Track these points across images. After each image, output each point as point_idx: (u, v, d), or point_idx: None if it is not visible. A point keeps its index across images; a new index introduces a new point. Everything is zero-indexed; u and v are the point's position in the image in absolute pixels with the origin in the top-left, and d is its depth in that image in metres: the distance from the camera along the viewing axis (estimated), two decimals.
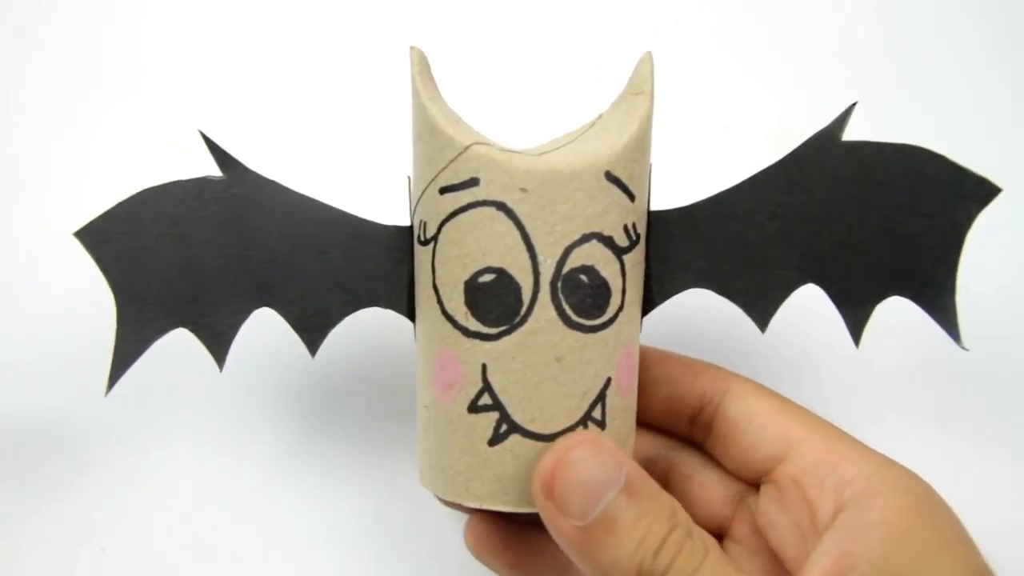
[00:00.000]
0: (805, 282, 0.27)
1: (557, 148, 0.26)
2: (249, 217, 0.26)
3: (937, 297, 0.27)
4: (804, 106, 0.39)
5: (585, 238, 0.24)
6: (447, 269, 0.25)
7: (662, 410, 0.30)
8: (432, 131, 0.25)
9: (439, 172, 0.25)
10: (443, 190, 0.25)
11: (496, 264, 0.24)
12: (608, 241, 0.25)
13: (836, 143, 0.26)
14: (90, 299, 0.36)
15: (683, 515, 0.23)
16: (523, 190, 0.24)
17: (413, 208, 0.27)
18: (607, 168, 0.24)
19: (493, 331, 0.24)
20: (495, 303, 0.24)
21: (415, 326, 0.27)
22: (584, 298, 0.24)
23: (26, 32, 0.39)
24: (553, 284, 0.24)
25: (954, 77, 0.41)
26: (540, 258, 0.24)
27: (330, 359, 0.36)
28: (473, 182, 0.24)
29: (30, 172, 0.38)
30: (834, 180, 0.26)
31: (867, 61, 0.41)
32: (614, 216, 0.25)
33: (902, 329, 0.29)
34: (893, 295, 0.27)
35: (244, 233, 0.26)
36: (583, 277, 0.24)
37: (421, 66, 0.26)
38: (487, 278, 0.24)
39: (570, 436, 0.24)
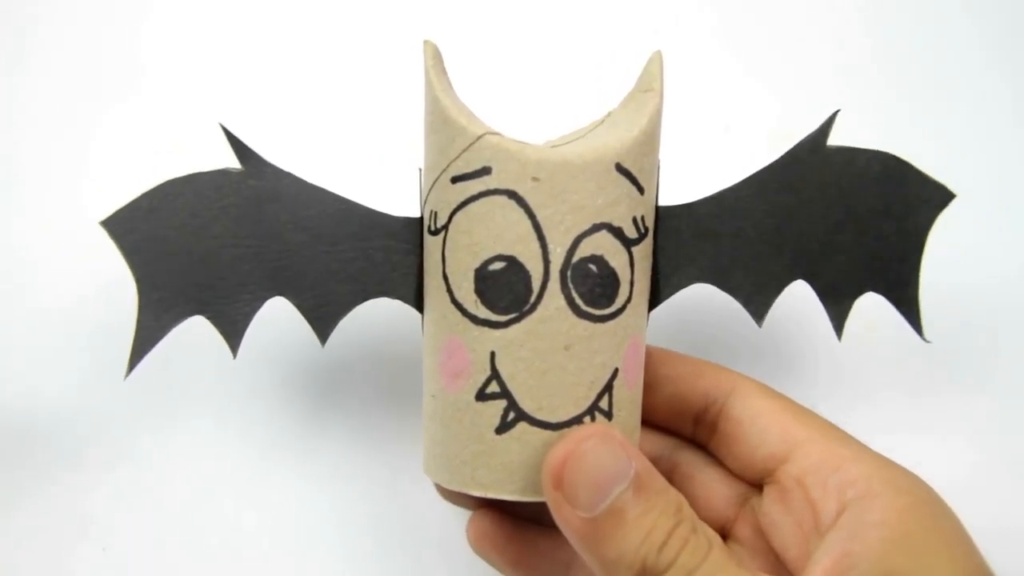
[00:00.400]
0: (796, 278, 0.28)
1: (567, 143, 0.26)
2: (266, 208, 0.27)
3: (903, 293, 0.29)
4: (804, 106, 0.39)
5: (595, 228, 0.24)
6: (457, 257, 0.25)
7: (666, 410, 0.30)
8: (445, 121, 0.25)
9: (451, 161, 0.25)
10: (455, 179, 0.25)
11: (507, 252, 0.24)
12: (618, 232, 0.25)
13: (820, 148, 0.28)
14: (92, 298, 0.36)
15: (688, 511, 0.23)
16: (535, 179, 0.24)
17: (424, 199, 0.27)
18: (617, 160, 0.25)
19: (502, 319, 0.24)
20: (505, 291, 0.24)
21: (423, 317, 0.27)
22: (593, 287, 0.24)
23: (26, 32, 0.39)
24: (563, 273, 0.24)
25: (954, 77, 0.41)
26: (550, 247, 0.24)
27: (339, 347, 0.36)
28: (485, 171, 0.24)
29: (30, 172, 0.38)
30: (818, 183, 0.28)
31: (867, 61, 0.41)
32: (624, 207, 0.25)
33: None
34: (868, 291, 0.28)
35: (261, 224, 0.27)
36: (592, 267, 0.24)
37: (435, 59, 0.26)
38: (497, 266, 0.24)
39: (582, 428, 0.24)
